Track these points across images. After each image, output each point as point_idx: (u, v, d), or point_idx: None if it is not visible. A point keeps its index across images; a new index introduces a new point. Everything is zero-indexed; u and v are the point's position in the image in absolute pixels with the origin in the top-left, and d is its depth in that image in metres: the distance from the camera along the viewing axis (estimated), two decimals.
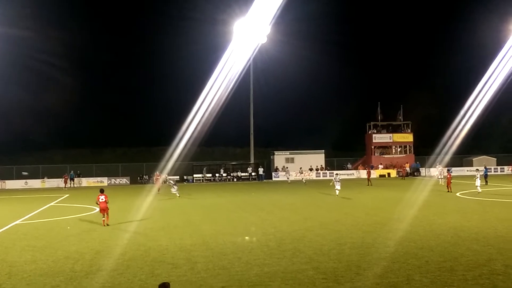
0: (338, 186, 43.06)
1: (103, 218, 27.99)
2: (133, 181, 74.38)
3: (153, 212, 34.02)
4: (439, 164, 62.76)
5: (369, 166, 75.51)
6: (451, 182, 45.86)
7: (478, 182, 42.34)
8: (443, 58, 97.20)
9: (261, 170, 77.69)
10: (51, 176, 72.89)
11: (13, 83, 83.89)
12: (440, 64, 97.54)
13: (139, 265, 17.52)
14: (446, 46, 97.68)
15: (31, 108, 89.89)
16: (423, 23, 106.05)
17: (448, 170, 51.42)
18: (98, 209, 29.11)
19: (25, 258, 19.14)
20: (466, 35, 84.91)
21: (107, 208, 27.91)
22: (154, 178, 56.38)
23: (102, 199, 27.82)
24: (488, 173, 55.10)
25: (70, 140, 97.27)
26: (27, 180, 72.01)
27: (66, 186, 66.45)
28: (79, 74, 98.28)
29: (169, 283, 9.44)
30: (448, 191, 43.94)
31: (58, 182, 70.48)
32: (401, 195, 41.49)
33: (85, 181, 72.78)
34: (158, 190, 52.33)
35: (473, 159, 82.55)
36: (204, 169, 77.91)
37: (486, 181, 50.74)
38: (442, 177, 53.80)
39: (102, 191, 28.49)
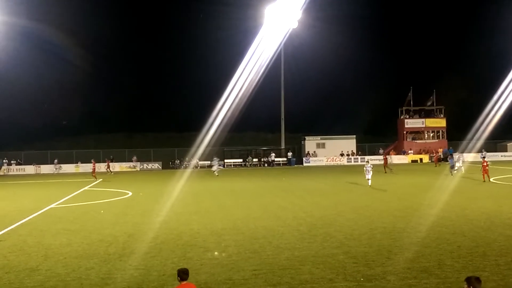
0: (368, 175, 38.46)
1: None
2: (165, 166, 75.02)
3: (184, 196, 34.31)
4: (460, 153, 61.30)
5: (385, 152, 74.34)
6: (487, 170, 39.90)
7: None
8: (476, 41, 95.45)
9: (290, 154, 77.76)
10: (85, 161, 73.86)
11: (47, 70, 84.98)
12: (473, 47, 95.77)
13: (171, 248, 17.77)
14: (480, 28, 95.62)
15: (64, 94, 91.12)
16: (456, 5, 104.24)
17: (483, 157, 45.65)
18: (130, 193, 29.06)
19: (61, 241, 19.55)
20: (500, 17, 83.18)
21: None
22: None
23: None
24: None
25: (102, 125, 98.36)
26: (62, 165, 73.15)
27: (110, 170, 65.89)
28: (111, 60, 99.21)
29: (187, 269, 9.66)
30: (484, 181, 39.10)
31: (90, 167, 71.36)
32: (432, 181, 41.05)
33: (118, 166, 73.59)
34: (95, 178, 52.92)
35: (508, 144, 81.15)
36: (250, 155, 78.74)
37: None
38: (461, 164, 49.10)
39: None
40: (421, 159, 77.45)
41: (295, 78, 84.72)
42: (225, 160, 76.47)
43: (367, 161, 43.55)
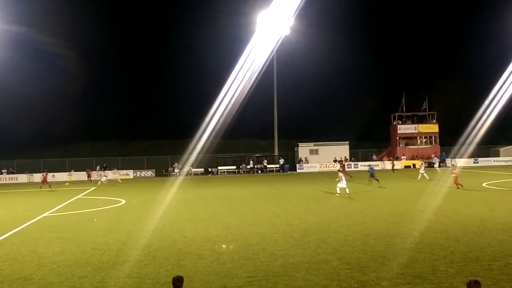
0: (342, 184, 36.02)
1: None
2: (158, 174, 74.90)
3: (178, 204, 34.29)
4: (422, 159, 62.85)
5: (341, 162, 72.03)
6: (457, 178, 38.58)
7: None
8: (468, 47, 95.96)
9: (282, 161, 77.92)
10: (78, 169, 73.63)
11: (39, 78, 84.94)
12: (465, 53, 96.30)
13: (165, 256, 17.73)
14: (472, 34, 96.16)
15: (57, 102, 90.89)
16: (448, 11, 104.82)
17: (453, 164, 44.29)
18: (124, 201, 28.98)
19: (54, 250, 19.48)
20: (493, 22, 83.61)
21: None
22: (43, 177, 55.49)
23: None
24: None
25: (96, 133, 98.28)
26: (54, 174, 72.84)
27: (91, 179, 65.90)
28: (104, 68, 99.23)
29: (182, 277, 9.63)
30: (458, 187, 37.54)
31: (84, 175, 71.13)
32: (424, 186, 41.17)
33: (111, 174, 73.33)
34: (40, 187, 52.61)
35: (500, 149, 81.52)
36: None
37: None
38: (424, 171, 50.31)
39: None
40: (414, 165, 77.56)
41: (287, 84, 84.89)
42: (219, 167, 76.40)
43: (339, 170, 41.89)
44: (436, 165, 59.48)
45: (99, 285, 14.47)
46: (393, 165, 69.75)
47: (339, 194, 36.02)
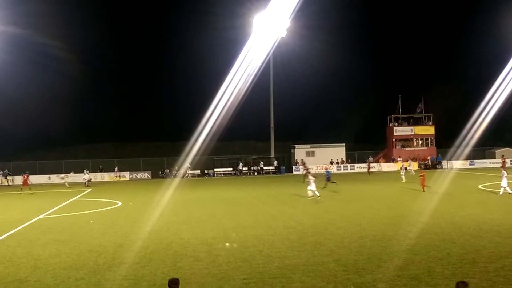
0: (312, 186, 35.66)
1: None
2: (154, 176, 74.78)
3: (174, 206, 34.24)
4: (402, 160, 64.39)
5: (305, 167, 67.80)
6: (424, 181, 39.40)
7: (504, 182, 34.70)
8: (465, 49, 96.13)
9: (275, 163, 77.92)
10: (75, 171, 73.35)
11: (35, 80, 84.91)
12: (461, 55, 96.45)
13: (161, 258, 17.71)
14: (468, 36, 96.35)
15: (53, 104, 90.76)
16: (444, 13, 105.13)
17: (422, 168, 44.83)
18: (120, 203, 28.87)
19: (50, 252, 19.44)
20: (488, 25, 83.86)
21: None
22: (23, 179, 54.66)
23: None
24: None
25: (92, 135, 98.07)
26: (50, 175, 72.71)
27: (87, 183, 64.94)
28: (101, 70, 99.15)
29: (178, 279, 9.60)
30: (423, 191, 38.19)
31: (80, 177, 70.94)
32: (420, 188, 41.09)
33: (107, 176, 73.34)
34: (21, 190, 52.15)
35: (496, 151, 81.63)
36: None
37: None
38: (403, 173, 53.09)
39: None
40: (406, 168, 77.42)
41: (284, 86, 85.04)
42: (215, 169, 76.34)
43: (309, 172, 41.49)
44: (410, 167, 63.01)
45: (95, 287, 14.45)
46: (369, 168, 70.08)
47: (316, 196, 35.20)
